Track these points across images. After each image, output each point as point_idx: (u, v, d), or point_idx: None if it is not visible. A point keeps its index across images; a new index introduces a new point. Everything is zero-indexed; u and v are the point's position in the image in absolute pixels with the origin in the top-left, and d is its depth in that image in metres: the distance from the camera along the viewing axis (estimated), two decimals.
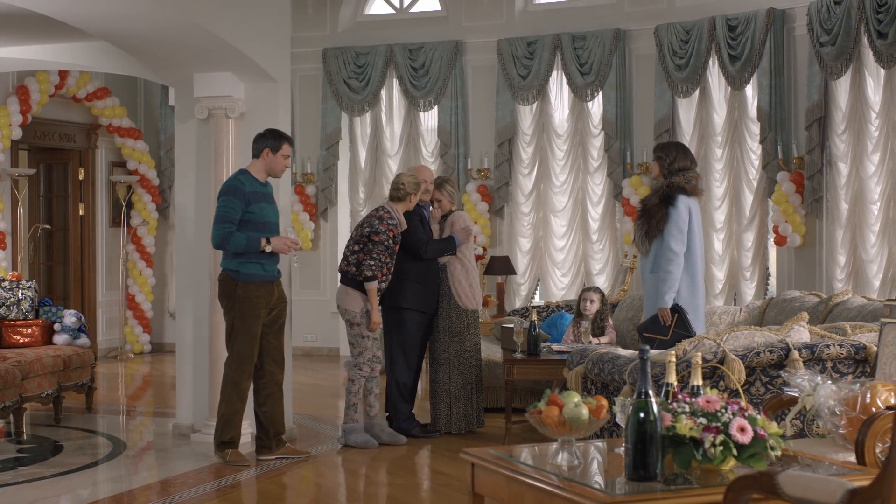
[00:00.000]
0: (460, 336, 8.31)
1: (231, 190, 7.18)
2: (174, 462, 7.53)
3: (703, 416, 3.93)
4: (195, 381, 8.26)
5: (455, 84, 13.13)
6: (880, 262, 10.38)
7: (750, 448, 3.90)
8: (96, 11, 7.25)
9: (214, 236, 7.17)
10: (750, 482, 3.36)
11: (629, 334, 8.98)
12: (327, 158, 13.59)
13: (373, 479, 7.22)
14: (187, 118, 8.32)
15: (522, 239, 13.00)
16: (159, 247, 14.30)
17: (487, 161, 13.05)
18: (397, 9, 13.84)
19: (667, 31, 12.01)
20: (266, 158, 7.33)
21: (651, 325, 7.03)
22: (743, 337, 5.91)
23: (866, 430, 4.36)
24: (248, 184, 7.23)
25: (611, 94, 12.39)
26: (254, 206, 7.21)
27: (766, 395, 5.78)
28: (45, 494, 6.56)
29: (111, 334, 13.88)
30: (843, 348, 5.89)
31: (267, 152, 7.33)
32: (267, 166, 7.36)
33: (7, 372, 8.13)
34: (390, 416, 8.37)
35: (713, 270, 11.80)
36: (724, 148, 11.76)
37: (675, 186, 7.07)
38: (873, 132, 10.40)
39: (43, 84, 12.31)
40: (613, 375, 6.36)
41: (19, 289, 9.49)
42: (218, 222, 7.15)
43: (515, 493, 4.13)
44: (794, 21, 11.29)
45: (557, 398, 4.17)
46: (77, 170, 13.54)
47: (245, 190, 7.19)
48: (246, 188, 7.20)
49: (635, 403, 3.82)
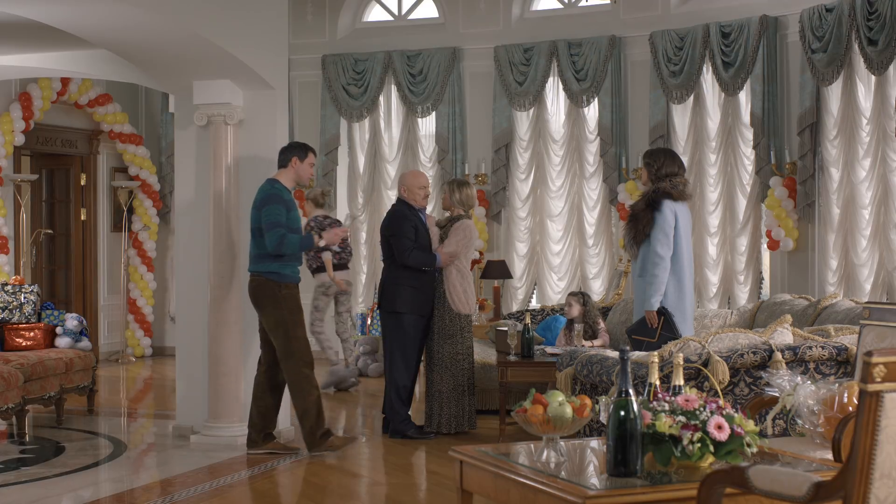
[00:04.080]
0: (453, 338, 8.44)
1: (274, 198, 7.54)
2: (174, 463, 7.65)
3: (682, 415, 4.06)
4: (195, 383, 8.39)
5: (453, 90, 13.26)
6: (871, 266, 10.51)
7: (727, 445, 4.03)
8: (97, 21, 7.38)
9: (270, 241, 7.49)
10: (722, 477, 3.49)
11: (622, 337, 9.10)
12: (326, 164, 13.73)
13: (368, 478, 7.35)
14: (187, 125, 8.46)
15: (519, 243, 13.13)
16: (160, 251, 14.43)
17: (484, 166, 13.18)
18: (396, 16, 13.97)
19: (661, 38, 12.14)
20: (294, 167, 7.73)
21: (639, 328, 7.16)
22: (727, 339, 6.04)
23: (842, 429, 4.50)
24: (283, 192, 7.63)
25: (606, 100, 12.52)
26: (292, 213, 7.66)
27: (749, 395, 5.92)
28: (47, 494, 6.68)
29: (112, 338, 14.01)
30: (826, 350, 6.03)
31: (295, 161, 7.73)
32: (295, 174, 7.76)
33: (10, 375, 8.25)
34: (386, 417, 8.51)
35: (707, 274, 11.93)
36: (718, 153, 11.89)
37: (660, 192, 7.20)
38: (864, 138, 10.53)
39: (45, 91, 12.45)
40: (602, 376, 6.50)
41: (22, 293, 9.62)
42: (270, 229, 7.49)
43: (502, 489, 4.26)
44: (787, 28, 11.42)
45: (542, 397, 4.30)
46: (79, 175, 13.68)
47: (283, 197, 7.60)
48: (284, 196, 7.60)
49: (616, 402, 3.96)
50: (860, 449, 3.18)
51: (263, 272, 7.63)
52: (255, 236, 7.66)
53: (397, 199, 8.67)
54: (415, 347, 8.45)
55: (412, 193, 8.49)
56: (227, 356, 8.13)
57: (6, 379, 8.17)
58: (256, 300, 7.70)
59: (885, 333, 5.14)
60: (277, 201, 7.54)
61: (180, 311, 8.65)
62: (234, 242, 8.14)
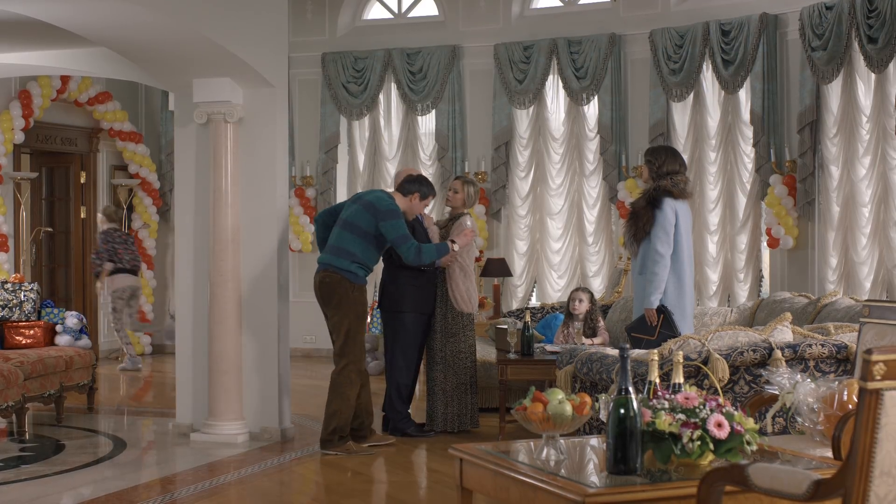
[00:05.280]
0: (456, 337, 8.44)
1: (397, 213, 7.73)
2: (174, 461, 7.67)
3: (682, 413, 4.06)
4: (195, 381, 8.41)
5: (452, 88, 13.26)
6: (871, 264, 10.51)
7: (727, 443, 4.02)
8: (97, 19, 7.38)
9: (407, 253, 7.70)
10: (722, 474, 3.49)
11: (622, 335, 9.10)
12: (326, 162, 13.73)
13: (370, 476, 7.35)
14: (187, 123, 8.46)
15: (519, 241, 13.14)
16: (160, 249, 14.44)
17: (484, 164, 13.19)
18: (396, 14, 13.97)
19: (661, 36, 12.14)
20: (412, 201, 7.93)
21: (638, 326, 7.16)
22: (727, 337, 6.05)
23: (842, 427, 4.49)
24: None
25: (606, 98, 12.53)
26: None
27: (749, 393, 5.92)
28: (47, 492, 6.68)
29: (112, 336, 14.00)
30: (825, 348, 6.03)
31: (417, 196, 7.95)
32: (408, 206, 7.94)
33: (10, 372, 8.26)
34: (386, 415, 8.51)
35: (707, 272, 11.93)
36: (718, 151, 11.90)
37: (661, 189, 7.20)
38: (864, 136, 10.53)
39: (45, 89, 12.45)
40: (601, 374, 6.51)
41: (22, 291, 9.63)
42: (404, 241, 7.69)
43: (501, 487, 4.25)
44: (787, 26, 11.43)
45: (542, 395, 4.30)
46: (79, 173, 13.68)
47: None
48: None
49: (616, 400, 3.96)
50: (860, 447, 3.18)
51: (342, 269, 7.67)
52: (350, 231, 7.71)
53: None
54: (416, 346, 8.45)
55: None
56: (227, 354, 8.13)
57: (6, 377, 8.18)
58: (327, 295, 7.73)
59: (884, 331, 5.13)
60: (399, 217, 7.71)
61: (180, 309, 8.65)
62: (234, 240, 8.14)
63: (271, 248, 8.28)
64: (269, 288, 8.27)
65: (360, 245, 7.69)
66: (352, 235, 7.69)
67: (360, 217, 7.71)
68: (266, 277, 8.26)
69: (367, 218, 7.69)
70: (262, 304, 8.26)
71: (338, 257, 7.70)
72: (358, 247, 7.68)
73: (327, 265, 7.73)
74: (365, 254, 7.72)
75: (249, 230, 8.25)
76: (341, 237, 7.74)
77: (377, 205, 7.71)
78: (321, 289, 7.77)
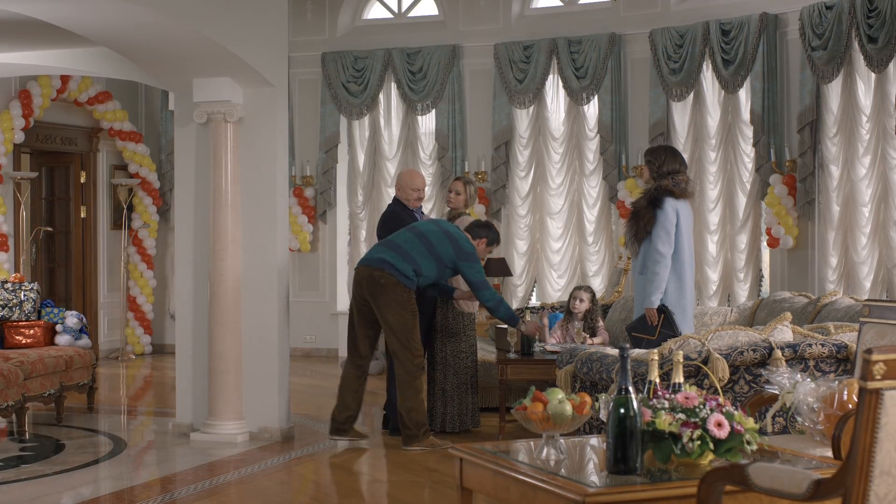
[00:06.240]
0: (457, 336, 8.44)
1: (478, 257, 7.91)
2: (174, 460, 7.67)
3: (682, 412, 4.06)
4: (195, 381, 8.41)
5: (452, 88, 13.26)
6: (871, 264, 10.51)
7: (727, 443, 4.03)
8: (98, 19, 7.39)
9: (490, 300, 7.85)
10: (722, 474, 3.49)
11: (622, 335, 9.10)
12: (326, 161, 13.73)
13: (369, 476, 7.36)
14: (187, 122, 8.47)
15: (519, 241, 13.14)
16: (160, 249, 14.44)
17: (484, 164, 13.19)
18: (396, 13, 13.97)
19: (661, 36, 12.14)
20: (479, 245, 8.06)
21: (639, 325, 7.16)
22: (727, 336, 6.05)
23: (842, 426, 4.49)
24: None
25: (606, 97, 12.53)
26: None
27: (749, 392, 5.93)
28: (46, 491, 6.69)
29: (112, 335, 14.01)
30: (825, 347, 6.03)
31: (484, 241, 8.11)
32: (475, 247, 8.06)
33: (10, 372, 8.26)
34: (387, 414, 8.51)
35: (707, 272, 11.93)
36: (718, 151, 11.90)
37: (662, 189, 7.20)
38: (864, 135, 10.53)
39: (45, 88, 12.45)
40: (601, 374, 6.51)
41: (22, 290, 9.63)
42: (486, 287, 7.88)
43: (501, 486, 4.25)
44: (787, 26, 11.42)
45: (542, 395, 4.30)
46: (79, 173, 13.68)
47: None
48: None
49: (616, 400, 3.96)
50: (860, 446, 3.18)
51: (402, 273, 7.72)
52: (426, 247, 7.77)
53: (393, 199, 8.67)
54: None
55: (405, 194, 8.50)
56: (227, 353, 8.14)
57: (6, 376, 8.18)
58: (378, 293, 7.73)
59: (884, 331, 5.14)
60: (479, 261, 7.89)
61: (180, 309, 8.66)
62: (234, 240, 8.14)
63: (271, 248, 8.28)
64: (269, 288, 8.27)
65: (430, 265, 7.79)
66: (426, 252, 7.77)
67: (440, 242, 7.80)
68: (266, 277, 8.27)
69: (446, 248, 7.80)
70: (262, 304, 8.27)
71: (403, 261, 7.74)
72: (427, 264, 7.77)
73: (388, 264, 7.74)
74: (429, 271, 7.81)
75: (249, 230, 8.25)
76: (414, 245, 7.79)
77: (460, 243, 7.84)
78: (372, 285, 7.74)
